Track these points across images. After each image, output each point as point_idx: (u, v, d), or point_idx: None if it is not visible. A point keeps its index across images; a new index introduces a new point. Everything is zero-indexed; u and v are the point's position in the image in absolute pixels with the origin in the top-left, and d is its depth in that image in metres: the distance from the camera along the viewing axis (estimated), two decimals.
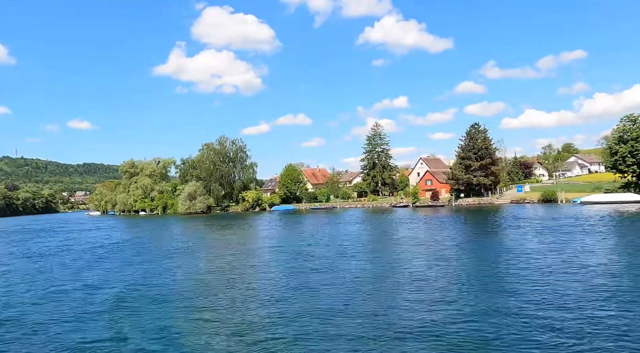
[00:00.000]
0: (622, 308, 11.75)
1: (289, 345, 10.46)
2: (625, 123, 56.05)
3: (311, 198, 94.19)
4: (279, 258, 24.17)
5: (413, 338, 10.49)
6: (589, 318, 11.07)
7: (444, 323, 11.46)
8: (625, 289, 13.70)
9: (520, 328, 10.71)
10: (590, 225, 32.78)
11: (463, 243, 27.17)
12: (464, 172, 70.83)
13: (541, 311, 11.90)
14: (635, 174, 55.35)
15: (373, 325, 11.63)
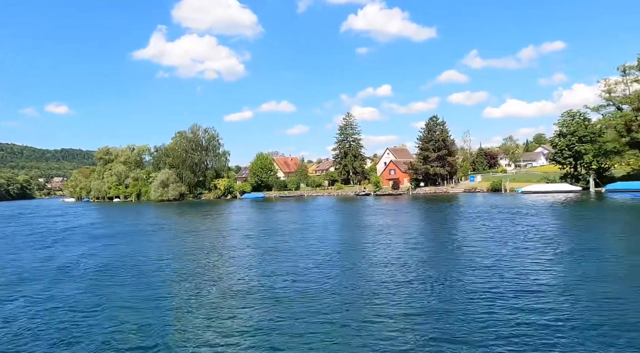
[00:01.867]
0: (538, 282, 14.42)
1: (256, 330, 10.38)
2: (565, 118, 60.07)
3: (281, 186, 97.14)
4: (233, 244, 26.99)
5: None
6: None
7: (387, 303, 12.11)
8: (532, 263, 16.82)
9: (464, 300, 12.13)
10: (518, 211, 36.60)
11: (397, 226, 30.45)
12: (422, 163, 74.59)
13: (463, 277, 14.80)
14: (572, 166, 59.67)
15: (330, 307, 12.01)
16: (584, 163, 57.58)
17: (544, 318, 10.30)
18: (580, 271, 14.71)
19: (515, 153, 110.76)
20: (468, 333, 9.65)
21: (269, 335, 10.02)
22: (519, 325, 9.94)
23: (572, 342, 8.94)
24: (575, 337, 9.18)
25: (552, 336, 9.26)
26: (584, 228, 25.52)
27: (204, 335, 10.27)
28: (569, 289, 12.58)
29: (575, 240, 21.13)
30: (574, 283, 13.24)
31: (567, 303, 11.35)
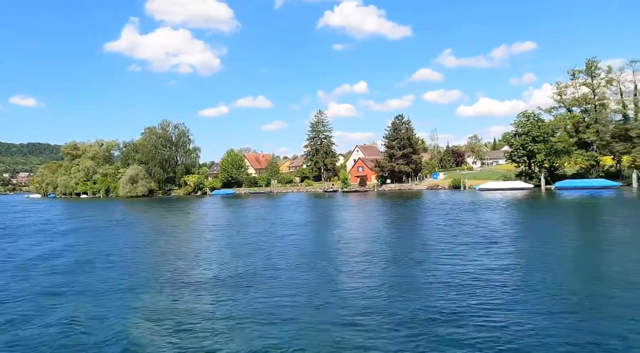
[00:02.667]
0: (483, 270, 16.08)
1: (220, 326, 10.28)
2: (520, 119, 63.02)
3: (252, 183, 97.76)
4: (189, 239, 27.79)
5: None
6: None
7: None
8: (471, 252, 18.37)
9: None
10: (471, 207, 38.69)
11: (357, 221, 31.92)
12: (388, 160, 76.67)
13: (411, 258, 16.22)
14: (526, 164, 62.71)
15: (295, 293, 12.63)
16: (536, 161, 60.62)
17: (489, 306, 10.74)
18: (523, 260, 16.12)
19: (480, 151, 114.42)
20: (429, 325, 9.80)
21: (230, 332, 9.85)
22: (467, 317, 10.11)
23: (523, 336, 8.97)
24: (526, 330, 9.27)
25: (504, 329, 9.31)
26: (530, 222, 27.74)
27: (156, 331, 10.13)
28: (514, 279, 13.39)
29: (519, 233, 23.01)
30: (515, 271, 14.32)
31: (512, 293, 11.86)
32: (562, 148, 58.56)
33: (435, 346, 8.60)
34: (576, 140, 57.87)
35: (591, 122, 57.43)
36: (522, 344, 8.49)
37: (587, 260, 16.48)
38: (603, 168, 58.15)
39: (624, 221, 27.44)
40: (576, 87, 58.88)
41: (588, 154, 56.45)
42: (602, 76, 56.95)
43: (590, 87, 57.58)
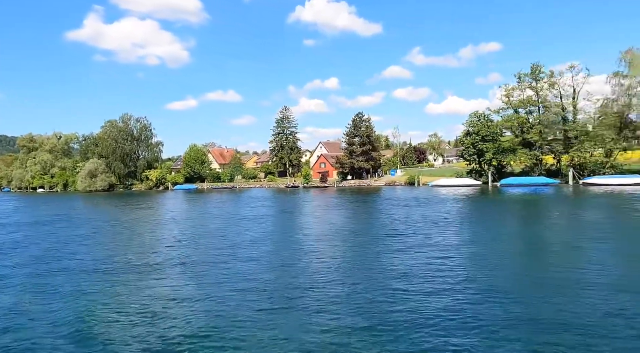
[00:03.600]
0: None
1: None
2: (472, 119, 65.89)
3: (215, 178, 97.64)
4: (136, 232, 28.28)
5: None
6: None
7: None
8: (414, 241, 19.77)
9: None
10: (420, 201, 40.72)
11: (313, 216, 33.19)
12: (348, 157, 78.48)
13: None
14: (476, 162, 65.69)
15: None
16: (485, 159, 63.63)
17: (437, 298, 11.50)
18: (458, 250, 17.80)
19: (440, 148, 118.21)
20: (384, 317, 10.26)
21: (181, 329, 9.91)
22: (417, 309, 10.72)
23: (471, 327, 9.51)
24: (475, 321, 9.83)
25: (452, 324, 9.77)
26: (474, 216, 29.88)
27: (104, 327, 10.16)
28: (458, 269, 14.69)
29: (459, 226, 24.95)
30: (450, 261, 15.81)
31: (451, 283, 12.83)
32: (508, 147, 61.81)
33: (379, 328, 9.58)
34: (521, 140, 61.23)
35: (535, 123, 60.90)
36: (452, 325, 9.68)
37: (516, 247, 18.71)
38: (545, 166, 61.75)
39: (555, 214, 30.60)
40: (522, 89, 62.16)
41: (531, 154, 59.84)
42: (545, 80, 60.36)
43: (535, 90, 60.95)
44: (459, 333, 9.16)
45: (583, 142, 56.53)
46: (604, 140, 55.26)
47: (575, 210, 33.27)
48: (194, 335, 9.50)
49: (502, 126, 63.81)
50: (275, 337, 9.27)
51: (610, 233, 21.28)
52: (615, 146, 55.63)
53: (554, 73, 59.98)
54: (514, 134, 62.72)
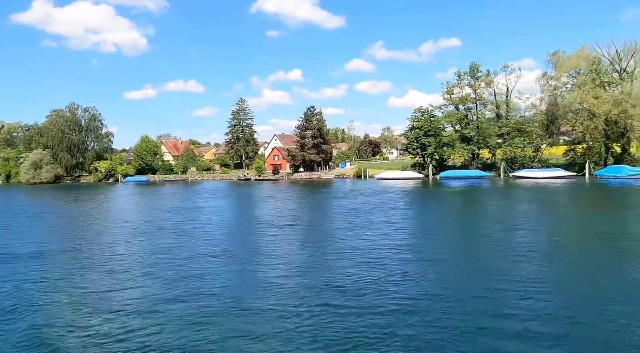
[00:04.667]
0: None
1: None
2: (416, 114, 68.85)
3: (167, 170, 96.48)
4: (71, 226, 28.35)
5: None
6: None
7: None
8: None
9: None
10: (360, 192, 42.81)
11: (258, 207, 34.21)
12: (300, 150, 79.91)
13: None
14: (420, 156, 68.80)
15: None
16: (428, 153, 66.78)
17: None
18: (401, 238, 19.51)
19: (393, 142, 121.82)
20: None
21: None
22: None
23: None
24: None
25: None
26: (409, 206, 32.02)
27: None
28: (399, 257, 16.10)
29: (391, 214, 26.77)
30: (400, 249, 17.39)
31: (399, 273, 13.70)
32: (448, 142, 65.21)
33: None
34: (459, 135, 64.77)
35: (472, 119, 64.56)
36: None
37: (437, 234, 20.64)
38: (481, 160, 65.68)
39: (479, 204, 34.17)
40: (461, 87, 65.58)
41: (468, 148, 63.49)
42: (483, 79, 63.99)
43: (473, 88, 64.50)
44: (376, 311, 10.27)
45: (514, 138, 60.62)
46: (532, 136, 59.51)
47: (500, 200, 37.08)
48: (136, 330, 9.57)
49: (444, 121, 67.13)
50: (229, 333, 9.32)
51: (533, 220, 24.32)
52: (542, 142, 60.05)
53: (490, 72, 63.77)
54: (454, 130, 66.24)
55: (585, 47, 57.20)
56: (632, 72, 53.94)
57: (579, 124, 52.68)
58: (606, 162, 55.54)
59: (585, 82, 53.82)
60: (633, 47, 53.49)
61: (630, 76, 53.83)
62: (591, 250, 16.13)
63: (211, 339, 8.89)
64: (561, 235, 19.77)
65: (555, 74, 58.50)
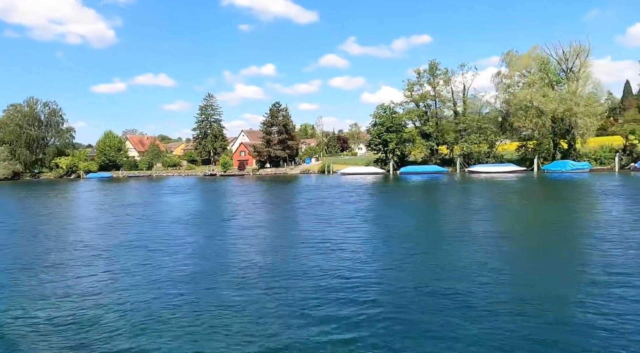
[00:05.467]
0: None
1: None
2: (378, 111, 70.37)
3: (132, 166, 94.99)
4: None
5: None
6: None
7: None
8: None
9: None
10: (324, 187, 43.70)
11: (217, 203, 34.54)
12: (265, 145, 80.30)
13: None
14: (382, 152, 70.42)
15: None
16: (389, 149, 68.45)
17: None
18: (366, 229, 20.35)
19: (361, 137, 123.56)
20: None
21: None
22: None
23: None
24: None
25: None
26: (362, 200, 33.05)
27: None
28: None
29: (350, 207, 27.66)
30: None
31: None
32: (408, 138, 67.02)
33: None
34: (419, 131, 66.70)
35: (431, 116, 66.57)
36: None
37: (391, 221, 21.48)
38: (440, 155, 67.88)
39: (433, 198, 36.16)
40: (422, 85, 67.45)
41: (427, 144, 65.51)
42: (441, 77, 66.02)
43: (432, 86, 66.46)
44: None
45: (470, 134, 62.94)
46: (487, 133, 61.95)
47: (450, 194, 39.16)
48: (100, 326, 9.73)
49: (405, 118, 68.88)
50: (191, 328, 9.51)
51: (486, 212, 25.95)
52: (496, 139, 62.61)
53: (448, 71, 65.87)
54: (414, 126, 68.12)
55: (536, 47, 60.01)
56: (577, 72, 56.87)
57: (529, 121, 55.23)
58: (554, 157, 58.51)
59: (535, 81, 56.45)
60: (578, 48, 56.41)
61: (576, 76, 56.77)
62: (534, 238, 17.95)
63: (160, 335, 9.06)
64: (505, 225, 21.48)
65: (508, 73, 60.97)
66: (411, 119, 67.83)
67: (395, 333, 8.70)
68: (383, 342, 8.35)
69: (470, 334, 8.55)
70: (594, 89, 56.96)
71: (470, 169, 60.11)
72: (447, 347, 8.07)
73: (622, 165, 53.00)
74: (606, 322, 8.89)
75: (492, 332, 8.60)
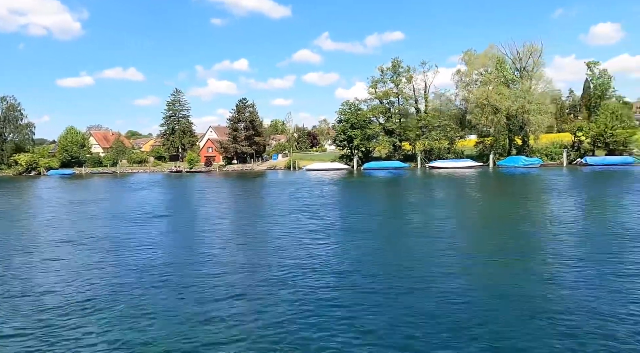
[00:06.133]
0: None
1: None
2: (344, 107, 71.23)
3: (96, 162, 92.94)
4: None
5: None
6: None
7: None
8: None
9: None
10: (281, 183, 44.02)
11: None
12: (232, 142, 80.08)
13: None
14: (347, 148, 71.39)
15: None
16: (354, 145, 69.48)
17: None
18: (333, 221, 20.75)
19: (329, 133, 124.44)
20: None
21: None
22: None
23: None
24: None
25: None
26: (332, 195, 33.50)
27: None
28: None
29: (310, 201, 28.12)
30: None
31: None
32: (372, 134, 68.22)
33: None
34: (383, 128, 68.02)
35: (395, 113, 67.98)
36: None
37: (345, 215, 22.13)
38: (403, 151, 69.43)
39: (387, 192, 37.06)
40: (385, 82, 68.72)
41: (390, 140, 66.89)
42: (403, 74, 67.40)
43: (395, 83, 67.79)
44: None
45: (431, 131, 64.66)
46: (447, 129, 63.78)
47: (410, 189, 40.48)
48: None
49: (369, 114, 70.00)
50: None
51: (446, 205, 27.62)
52: (455, 135, 64.56)
53: (410, 68, 67.33)
54: (378, 123, 69.39)
55: (492, 46, 62.18)
56: (530, 71, 59.28)
57: (485, 118, 57.26)
58: (510, 153, 60.90)
59: (491, 79, 58.52)
60: (531, 47, 58.78)
61: (529, 75, 59.17)
62: (480, 231, 19.45)
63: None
64: (456, 219, 22.73)
65: (467, 71, 62.88)
66: (375, 115, 69.01)
67: (326, 330, 8.87)
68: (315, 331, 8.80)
69: (413, 328, 8.84)
70: (545, 87, 59.51)
71: (430, 165, 61.82)
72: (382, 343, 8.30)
73: (570, 160, 55.78)
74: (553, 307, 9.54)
75: (438, 325, 8.90)
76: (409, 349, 7.96)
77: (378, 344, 8.16)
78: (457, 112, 65.15)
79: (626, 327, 8.42)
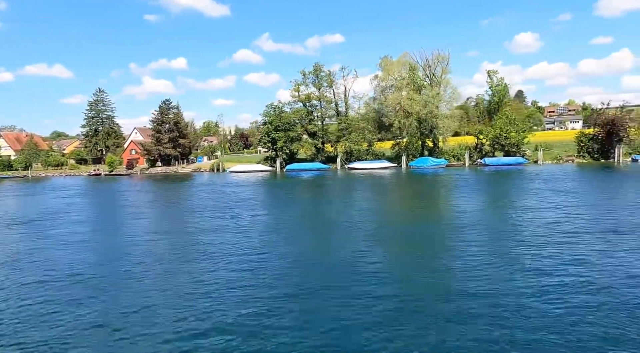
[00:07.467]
0: None
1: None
2: (268, 110, 72.01)
3: (5, 166, 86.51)
4: None
5: None
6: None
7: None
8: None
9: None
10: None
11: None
12: (155, 144, 78.04)
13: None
14: (272, 150, 72.26)
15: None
16: (278, 147, 70.52)
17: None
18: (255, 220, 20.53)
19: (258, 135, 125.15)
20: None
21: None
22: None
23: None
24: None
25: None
26: (260, 196, 33.74)
27: None
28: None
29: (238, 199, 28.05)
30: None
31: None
32: (295, 136, 69.64)
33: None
34: (305, 130, 69.69)
35: (317, 116, 69.91)
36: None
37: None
38: (326, 153, 71.56)
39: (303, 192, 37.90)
40: (307, 85, 70.45)
41: (313, 142, 68.72)
42: (325, 78, 69.53)
43: (316, 87, 69.75)
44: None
45: (351, 133, 67.28)
46: (365, 132, 66.72)
47: (328, 188, 41.80)
48: None
49: (292, 117, 71.37)
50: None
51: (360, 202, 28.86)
52: (373, 138, 67.68)
53: (331, 73, 69.62)
54: (301, 125, 71.00)
55: (406, 54, 65.93)
56: (439, 77, 63.65)
57: (397, 122, 60.65)
58: (422, 154, 64.92)
59: (403, 85, 62.09)
60: (439, 56, 63.17)
61: (438, 81, 63.50)
62: (386, 225, 20.53)
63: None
64: (364, 215, 23.90)
65: (383, 77, 66.16)
66: (297, 118, 70.51)
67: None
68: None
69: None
70: (452, 93, 64.17)
71: (349, 166, 64.35)
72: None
73: (472, 161, 60.67)
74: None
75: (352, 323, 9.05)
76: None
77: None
78: (375, 115, 68.27)
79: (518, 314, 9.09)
